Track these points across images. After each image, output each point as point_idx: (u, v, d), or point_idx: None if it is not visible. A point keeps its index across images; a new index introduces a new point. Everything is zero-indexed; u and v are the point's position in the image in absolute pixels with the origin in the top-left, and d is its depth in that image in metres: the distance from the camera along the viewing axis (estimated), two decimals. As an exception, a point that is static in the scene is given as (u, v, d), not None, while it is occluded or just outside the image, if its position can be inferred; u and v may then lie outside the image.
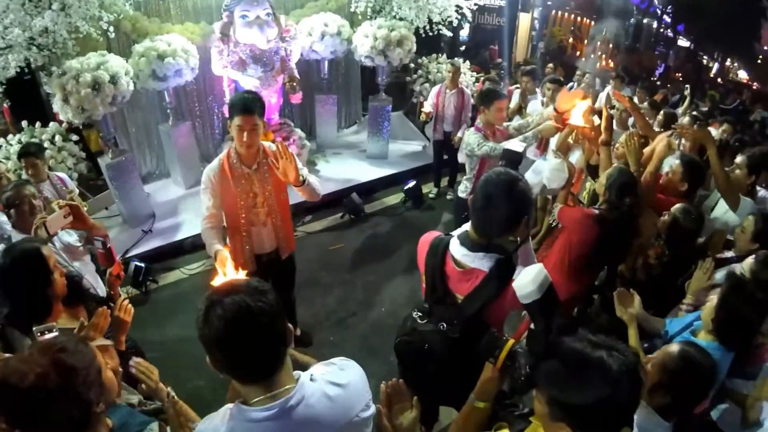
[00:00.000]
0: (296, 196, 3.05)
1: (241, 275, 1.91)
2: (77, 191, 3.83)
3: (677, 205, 3.02)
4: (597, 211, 3.05)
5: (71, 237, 3.07)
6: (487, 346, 1.66)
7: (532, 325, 1.75)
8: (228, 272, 1.99)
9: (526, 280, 1.68)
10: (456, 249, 1.99)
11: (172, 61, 5.03)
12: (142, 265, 4.67)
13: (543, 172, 3.38)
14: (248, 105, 2.68)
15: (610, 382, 1.21)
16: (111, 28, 4.84)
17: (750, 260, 2.58)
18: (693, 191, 3.43)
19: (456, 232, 2.07)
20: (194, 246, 5.16)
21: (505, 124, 4.01)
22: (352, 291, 4.66)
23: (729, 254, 3.02)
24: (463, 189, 4.06)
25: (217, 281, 1.85)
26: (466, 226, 2.02)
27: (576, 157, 4.45)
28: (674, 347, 1.87)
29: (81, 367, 1.31)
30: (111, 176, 5.17)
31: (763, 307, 2.13)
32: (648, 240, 3.22)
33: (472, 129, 3.86)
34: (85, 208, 3.77)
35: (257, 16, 5.02)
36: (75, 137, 5.25)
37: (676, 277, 3.06)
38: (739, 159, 3.55)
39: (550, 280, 1.69)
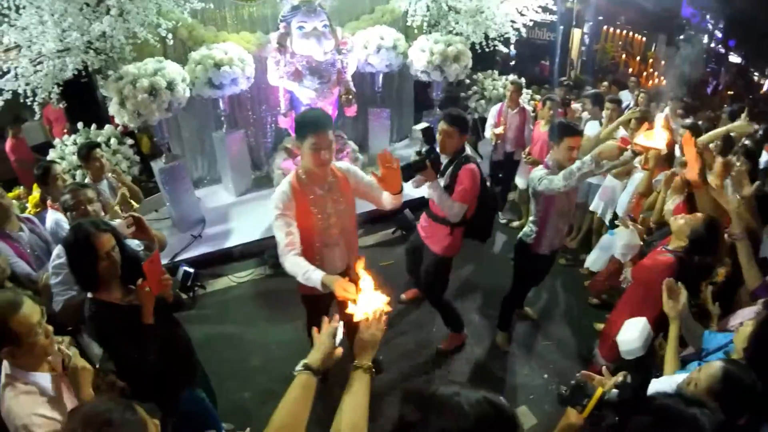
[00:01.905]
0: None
1: (381, 296, 1.83)
2: (126, 190, 3.84)
3: None
4: (674, 257, 2.86)
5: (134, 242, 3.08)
6: (575, 392, 1.62)
7: (625, 378, 1.65)
8: (364, 296, 1.87)
9: (632, 336, 1.61)
10: None
11: (229, 69, 5.10)
12: (191, 270, 4.70)
13: (614, 249, 3.26)
14: (323, 122, 2.54)
15: None
16: (170, 35, 4.93)
17: None
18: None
19: None
20: (243, 254, 5.22)
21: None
22: (402, 309, 4.57)
23: None
24: (528, 232, 3.62)
25: (357, 309, 1.83)
26: None
27: (636, 179, 4.31)
28: (716, 367, 1.80)
29: None
30: (163, 180, 5.24)
31: None
32: (717, 261, 3.08)
33: (540, 166, 3.45)
34: (136, 206, 3.87)
35: (314, 28, 5.06)
36: (129, 141, 5.36)
37: (735, 290, 2.93)
38: None
39: (652, 336, 1.61)
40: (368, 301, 1.83)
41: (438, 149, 3.41)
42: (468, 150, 3.48)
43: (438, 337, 4.21)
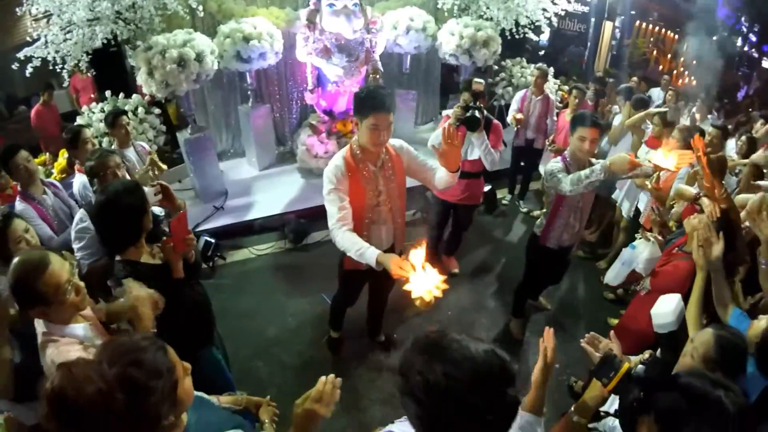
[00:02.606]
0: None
1: (436, 275, 1.85)
2: (156, 156, 3.89)
3: None
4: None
5: (156, 209, 3.13)
6: (602, 365, 1.65)
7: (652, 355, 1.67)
8: (419, 273, 1.90)
9: (667, 309, 1.61)
10: None
11: (257, 44, 5.12)
12: (213, 240, 4.76)
13: (636, 263, 3.19)
14: (386, 103, 2.50)
15: (726, 423, 1.22)
16: (201, 7, 4.94)
17: None
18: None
19: None
20: (264, 228, 5.27)
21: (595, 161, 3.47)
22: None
23: None
24: (539, 224, 3.65)
25: (415, 286, 1.87)
26: None
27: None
28: (708, 335, 1.84)
29: (154, 386, 1.17)
30: (188, 151, 5.30)
31: None
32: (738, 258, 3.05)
33: (558, 158, 3.42)
34: (161, 169, 3.90)
35: (344, 6, 5.06)
36: (156, 110, 5.43)
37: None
38: None
39: (684, 312, 1.61)
40: (424, 280, 1.86)
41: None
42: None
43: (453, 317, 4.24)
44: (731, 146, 5.21)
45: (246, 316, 4.17)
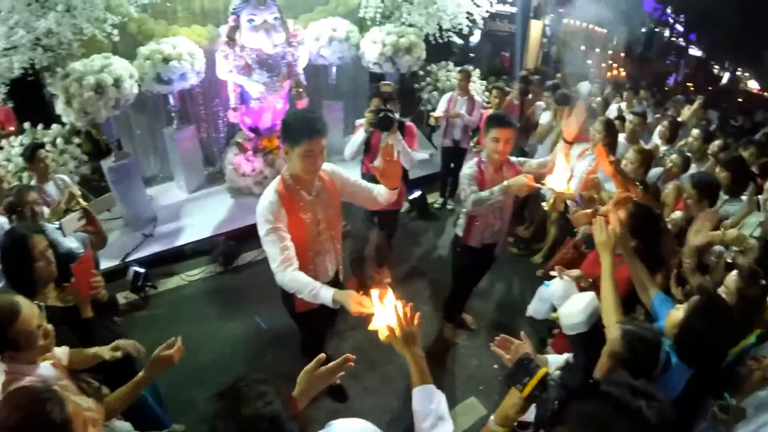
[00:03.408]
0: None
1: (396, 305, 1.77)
2: (77, 189, 3.73)
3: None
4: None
5: (72, 244, 3.02)
6: (517, 370, 1.57)
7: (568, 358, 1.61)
8: (383, 308, 1.82)
9: (576, 308, 1.54)
10: None
11: (177, 64, 4.98)
12: (142, 270, 4.58)
13: (552, 299, 3.18)
14: (318, 127, 2.34)
15: None
16: (115, 31, 4.75)
17: (734, 276, 2.47)
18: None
19: None
20: (194, 252, 5.12)
21: (518, 159, 3.49)
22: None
23: None
24: (459, 223, 3.64)
25: (379, 322, 1.80)
26: None
27: (581, 169, 4.34)
28: (616, 332, 1.84)
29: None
30: (113, 179, 5.09)
31: (732, 329, 2.05)
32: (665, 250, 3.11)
33: (474, 160, 3.39)
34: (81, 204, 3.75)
35: (264, 20, 4.97)
36: (77, 140, 5.19)
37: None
38: None
39: (600, 313, 1.55)
40: (388, 314, 1.78)
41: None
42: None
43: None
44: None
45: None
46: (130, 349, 2.27)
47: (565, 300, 2.98)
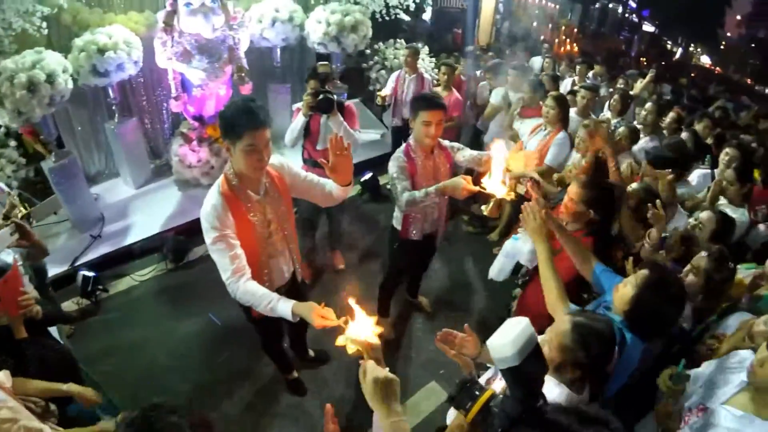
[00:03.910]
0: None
1: (369, 322, 1.62)
2: (16, 198, 3.50)
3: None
4: (590, 234, 2.83)
5: (8, 257, 2.85)
6: (460, 393, 1.41)
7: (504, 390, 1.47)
8: (356, 321, 1.65)
9: (504, 340, 1.38)
10: None
11: (113, 54, 4.70)
12: (90, 274, 4.37)
13: (519, 255, 3.12)
14: (261, 117, 2.11)
15: None
16: (44, 24, 4.50)
17: (703, 257, 2.44)
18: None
19: None
20: (143, 251, 4.94)
21: (451, 144, 3.34)
22: (311, 285, 4.50)
23: None
24: (396, 216, 3.48)
25: (352, 336, 1.60)
26: None
27: (533, 144, 4.31)
28: (565, 324, 1.73)
29: None
30: (55, 180, 4.83)
31: (682, 301, 2.04)
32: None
33: (401, 148, 3.15)
34: (22, 213, 3.55)
35: (202, 3, 4.74)
36: (13, 142, 4.92)
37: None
38: (727, 174, 3.42)
39: (535, 342, 1.36)
40: (357, 329, 1.62)
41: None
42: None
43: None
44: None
45: (136, 348, 3.90)
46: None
47: (532, 254, 2.93)
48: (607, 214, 2.84)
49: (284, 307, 2.12)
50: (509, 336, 1.34)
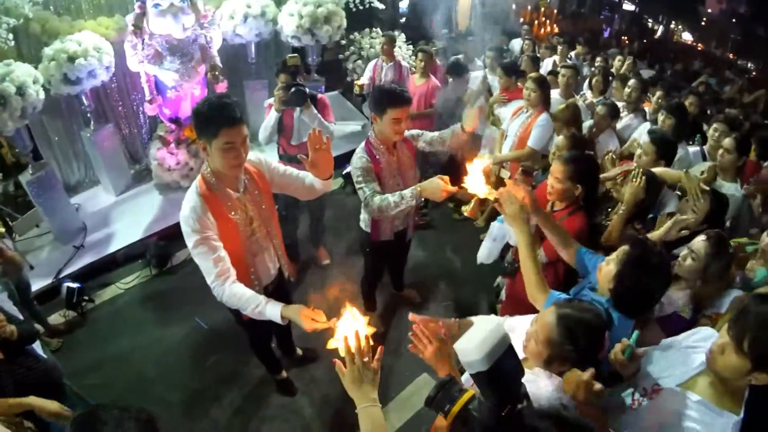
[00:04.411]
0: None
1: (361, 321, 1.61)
2: None
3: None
4: (580, 211, 2.81)
5: None
6: (439, 395, 1.36)
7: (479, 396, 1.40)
8: (343, 324, 1.65)
9: (470, 344, 1.29)
10: None
11: (84, 61, 4.60)
12: (75, 286, 4.32)
13: (508, 236, 3.04)
14: (233, 113, 2.04)
15: None
16: (11, 36, 4.41)
17: (701, 241, 2.36)
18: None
19: None
20: (127, 258, 4.88)
21: (411, 133, 3.21)
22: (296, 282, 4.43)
23: None
24: (364, 219, 3.37)
25: (340, 341, 1.60)
26: None
27: (515, 126, 4.26)
28: (550, 316, 1.65)
29: None
30: (33, 193, 4.75)
31: (665, 274, 1.98)
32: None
33: (361, 147, 3.00)
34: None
35: (171, 4, 4.64)
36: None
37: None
38: (726, 142, 3.31)
39: (507, 344, 1.28)
40: (348, 329, 1.59)
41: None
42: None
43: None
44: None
45: (123, 359, 3.85)
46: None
47: None
48: (591, 183, 2.80)
49: (273, 311, 2.09)
50: (476, 339, 1.26)
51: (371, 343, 1.59)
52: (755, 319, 1.44)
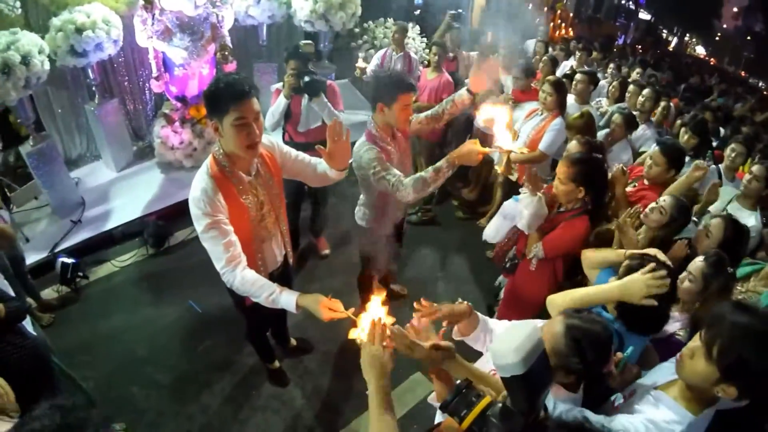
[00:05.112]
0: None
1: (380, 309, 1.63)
2: None
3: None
4: (583, 213, 2.74)
5: None
6: (456, 400, 1.31)
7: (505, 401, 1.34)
8: (369, 313, 1.66)
9: (508, 346, 1.23)
10: None
11: (92, 34, 4.52)
12: (69, 261, 4.25)
13: (518, 218, 2.88)
14: (243, 88, 1.96)
15: None
16: (18, 4, 4.34)
17: (700, 262, 2.29)
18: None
19: None
20: (124, 235, 4.80)
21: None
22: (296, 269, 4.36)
23: None
24: (361, 216, 3.24)
25: (362, 332, 1.63)
26: None
27: (529, 127, 4.18)
28: (558, 326, 1.60)
29: None
30: (33, 165, 4.68)
31: (673, 287, 1.91)
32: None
33: (364, 137, 2.91)
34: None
35: (184, -20, 4.56)
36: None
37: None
38: (756, 169, 3.22)
39: (542, 348, 1.24)
40: (372, 315, 1.60)
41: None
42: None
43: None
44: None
45: (114, 337, 3.79)
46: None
47: (532, 218, 2.73)
48: (598, 187, 2.72)
49: (288, 299, 2.02)
50: (514, 341, 1.21)
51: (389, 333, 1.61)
52: (728, 327, 1.40)
